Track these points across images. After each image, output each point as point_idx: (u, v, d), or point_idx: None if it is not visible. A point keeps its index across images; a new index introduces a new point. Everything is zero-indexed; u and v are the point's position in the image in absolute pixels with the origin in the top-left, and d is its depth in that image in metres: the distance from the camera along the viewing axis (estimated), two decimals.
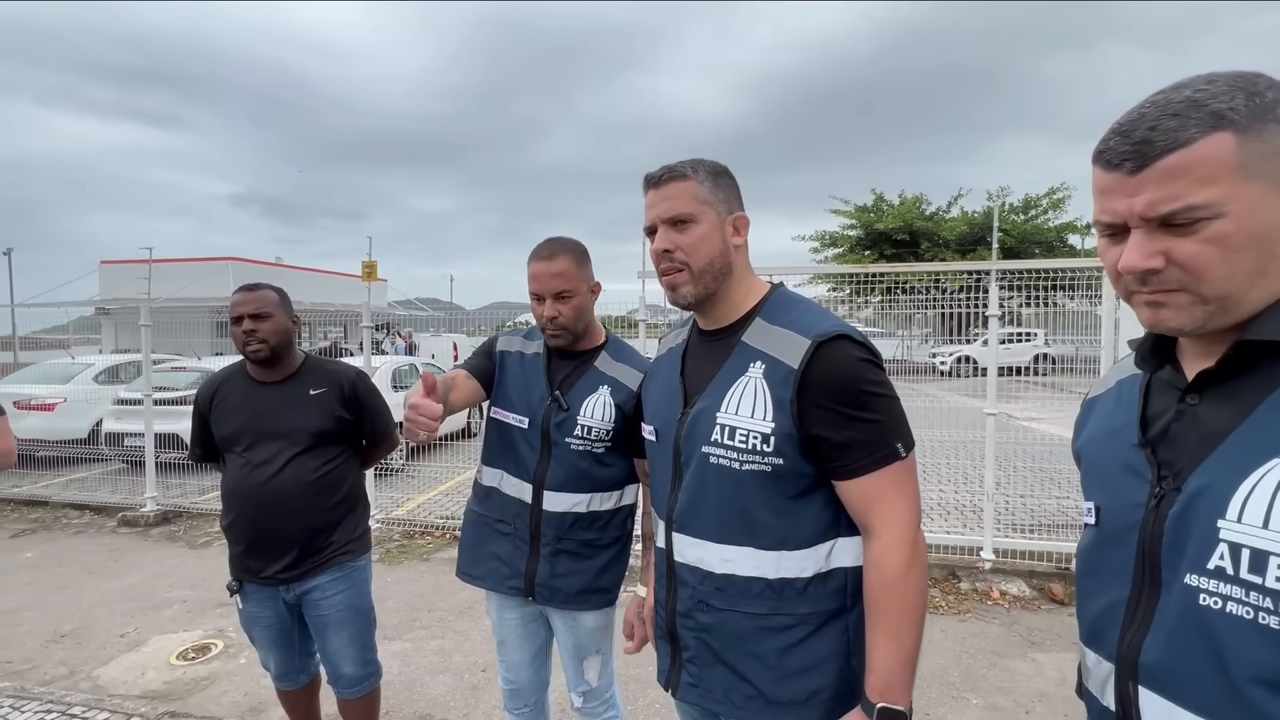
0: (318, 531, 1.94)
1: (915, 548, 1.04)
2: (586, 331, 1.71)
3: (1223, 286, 0.64)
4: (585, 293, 1.66)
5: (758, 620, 1.10)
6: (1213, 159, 0.62)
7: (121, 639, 3.47)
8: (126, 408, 6.73)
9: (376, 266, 5.29)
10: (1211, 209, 0.63)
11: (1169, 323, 0.67)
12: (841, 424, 1.03)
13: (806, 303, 1.17)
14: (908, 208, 21.80)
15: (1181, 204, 0.63)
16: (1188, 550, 0.65)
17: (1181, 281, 0.65)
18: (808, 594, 1.08)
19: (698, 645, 1.16)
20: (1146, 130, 0.64)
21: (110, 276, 19.52)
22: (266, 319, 1.91)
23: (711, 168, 1.17)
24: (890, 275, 5.57)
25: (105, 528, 5.52)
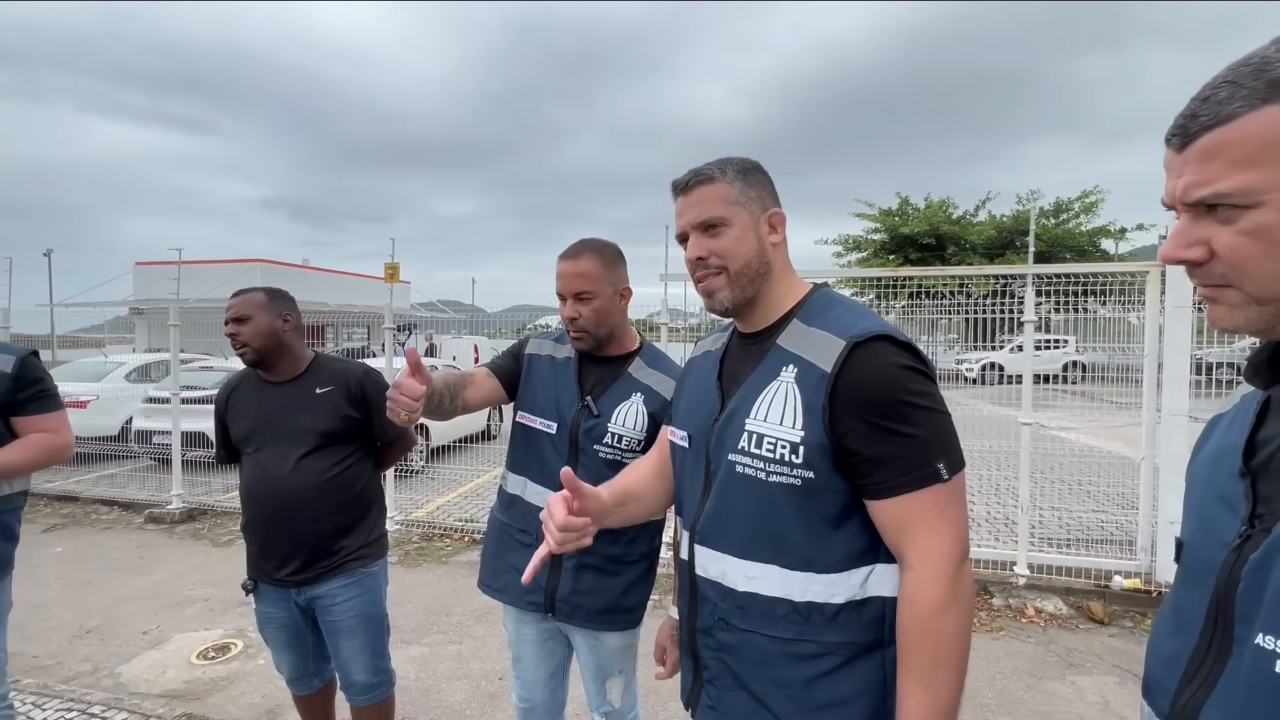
0: (328, 535, 1.91)
1: (956, 584, 0.91)
2: (613, 336, 1.64)
3: (1271, 287, 0.56)
4: (610, 295, 1.59)
5: (782, 645, 1.01)
6: (1255, 138, 0.53)
7: (144, 636, 3.49)
8: (155, 406, 6.85)
9: (399, 268, 5.30)
10: (1246, 196, 0.54)
11: (1223, 323, 0.60)
12: (875, 436, 0.93)
13: (849, 303, 1.08)
14: (934, 211, 21.43)
15: (1210, 190, 0.56)
16: (1263, 605, 0.55)
17: (1226, 276, 0.58)
18: (839, 622, 0.99)
19: (718, 666, 1.08)
20: (1198, 102, 0.56)
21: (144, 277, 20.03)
22: (246, 321, 1.91)
23: (740, 166, 1.11)
24: (915, 280, 5.43)
25: (133, 524, 5.61)
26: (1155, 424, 3.85)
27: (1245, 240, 0.55)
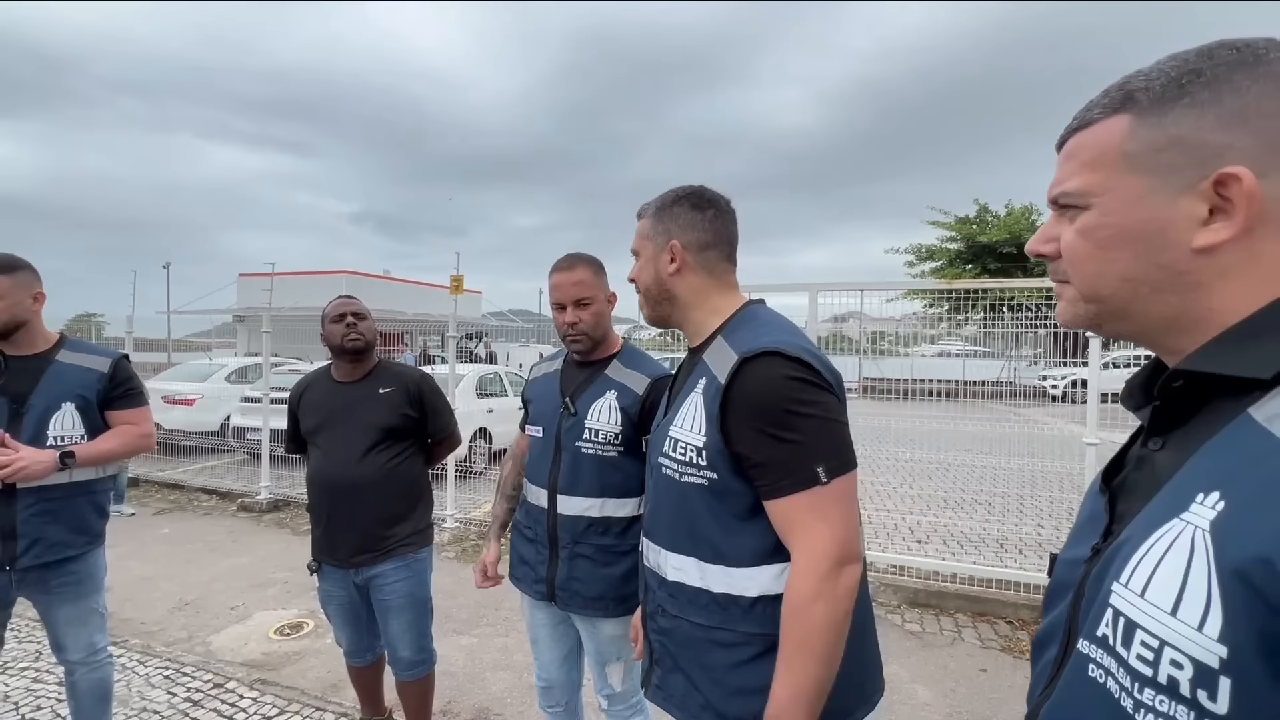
0: (384, 521, 2.13)
1: (826, 579, 0.97)
2: (604, 339, 1.78)
3: (1094, 286, 0.58)
4: (603, 301, 1.76)
5: (705, 632, 1.10)
6: (1099, 143, 0.57)
7: (232, 611, 3.88)
8: (249, 404, 7.52)
9: (464, 280, 5.63)
10: (1080, 197, 0.58)
11: (1061, 316, 0.63)
12: (760, 443, 1.02)
13: (767, 319, 1.16)
14: (1015, 219, 20.33)
15: (1059, 189, 0.59)
16: (1090, 613, 0.56)
17: (1065, 273, 0.61)
18: (755, 613, 1.06)
19: (660, 649, 1.18)
20: (1082, 108, 0.60)
21: (246, 287, 21.93)
22: (365, 318, 2.20)
23: (663, 201, 1.24)
24: (994, 291, 5.20)
25: (227, 511, 6.18)
26: None
27: (1077, 239, 0.59)
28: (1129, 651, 0.49)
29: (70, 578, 2.00)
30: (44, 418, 1.94)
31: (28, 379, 1.95)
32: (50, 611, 2.02)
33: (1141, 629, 0.48)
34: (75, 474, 1.97)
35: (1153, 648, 0.47)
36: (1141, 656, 0.48)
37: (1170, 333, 0.57)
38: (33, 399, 1.94)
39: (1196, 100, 0.52)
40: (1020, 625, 3.73)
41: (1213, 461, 0.50)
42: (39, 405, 1.94)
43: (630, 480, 1.69)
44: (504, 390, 8.19)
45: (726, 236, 1.23)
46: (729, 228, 1.24)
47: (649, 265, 1.24)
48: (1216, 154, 0.51)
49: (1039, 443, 4.77)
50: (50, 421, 1.95)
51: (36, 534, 1.91)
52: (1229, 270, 0.52)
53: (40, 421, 1.93)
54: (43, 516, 1.92)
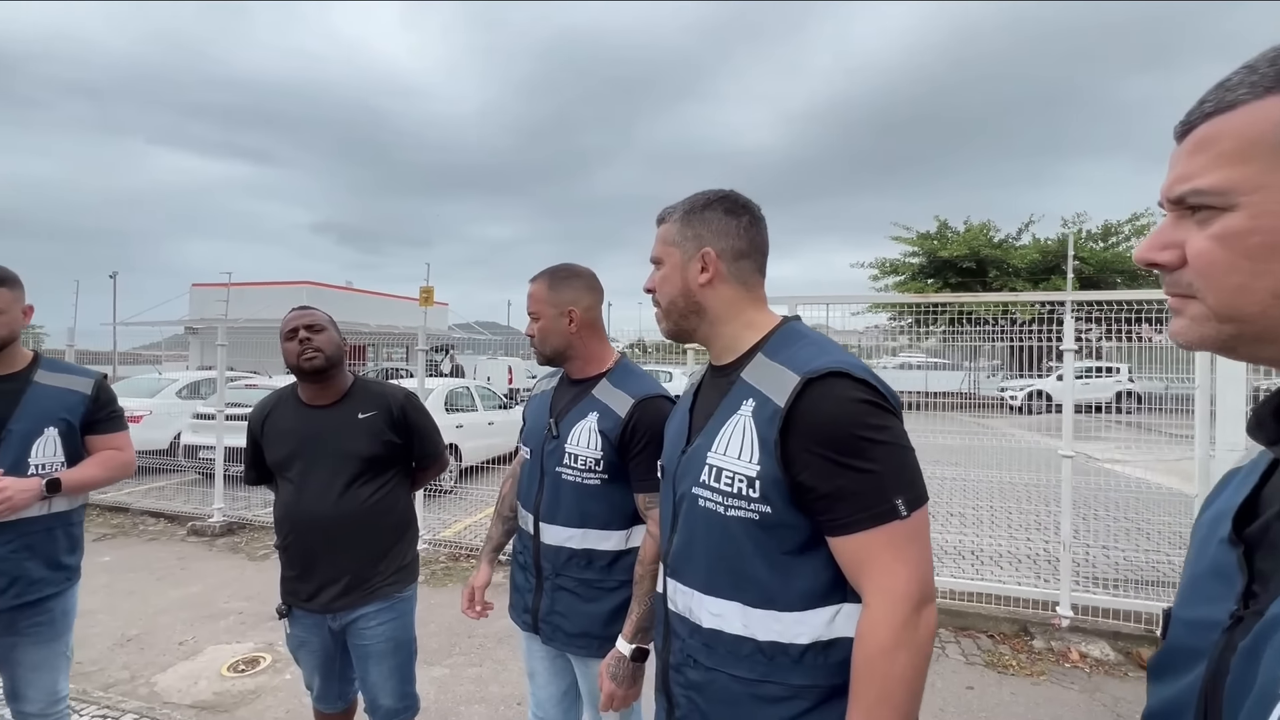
0: (367, 561, 1.92)
1: (908, 625, 0.88)
2: (567, 355, 1.68)
3: (1236, 302, 0.49)
4: (553, 316, 1.65)
5: (747, 686, 0.98)
6: (1247, 130, 0.47)
7: (180, 646, 3.60)
8: (202, 421, 7.14)
9: (433, 292, 5.46)
10: (1221, 196, 0.48)
11: (1181, 337, 0.54)
12: (830, 472, 0.91)
13: (814, 337, 1.07)
14: (974, 235, 20.97)
15: (1188, 186, 0.50)
16: (1248, 699, 0.46)
17: (1192, 286, 0.51)
18: (804, 664, 0.96)
19: (687, 704, 1.05)
20: (1213, 88, 0.50)
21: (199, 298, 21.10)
22: (321, 331, 1.93)
23: (691, 204, 1.14)
24: (954, 305, 5.31)
25: (176, 536, 5.82)
26: (1209, 458, 3.64)
27: (1214, 246, 0.49)
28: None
29: (44, 617, 1.86)
30: (25, 443, 1.80)
31: (6, 401, 1.80)
32: (12, 655, 1.84)
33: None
34: (53, 504, 1.84)
35: None
36: None
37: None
38: (12, 424, 1.79)
39: None
40: (1001, 639, 3.73)
41: None
42: (19, 430, 1.79)
43: (613, 511, 1.58)
44: (473, 405, 7.98)
45: (760, 246, 1.14)
46: (762, 236, 1.15)
47: (676, 274, 1.13)
48: None
49: (1007, 455, 4.83)
50: (32, 448, 1.80)
51: (16, 572, 1.77)
52: None
53: (21, 447, 1.79)
54: (22, 553, 1.78)
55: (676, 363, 7.18)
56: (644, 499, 1.53)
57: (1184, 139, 0.52)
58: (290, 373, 2.01)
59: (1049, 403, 8.01)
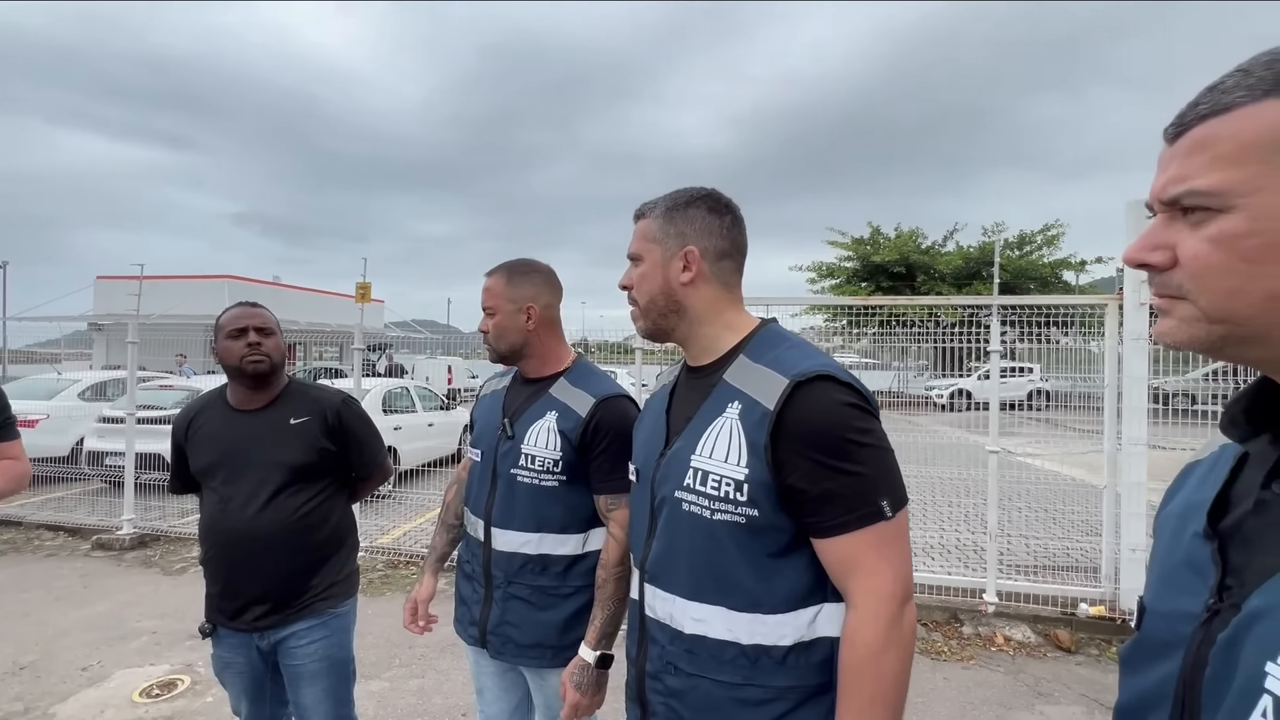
0: (297, 575, 1.80)
1: (895, 624, 0.91)
2: (522, 353, 1.63)
3: (1229, 304, 0.50)
4: (510, 312, 1.60)
5: (730, 690, 0.98)
6: (1244, 133, 0.47)
7: (83, 673, 3.29)
8: (109, 425, 6.58)
9: (370, 288, 5.23)
10: (1218, 198, 0.48)
11: (1169, 338, 0.54)
12: (819, 475, 0.92)
13: (795, 340, 1.08)
14: (904, 241, 22.02)
15: (1184, 187, 0.50)
16: (1229, 693, 0.47)
17: (1183, 288, 0.52)
18: (787, 665, 0.97)
19: (666, 712, 1.04)
20: (1206, 89, 0.50)
21: (105, 292, 19.47)
22: (271, 335, 1.83)
23: (674, 201, 1.12)
24: (886, 308, 5.54)
25: (78, 551, 5.33)
26: (1116, 452, 3.94)
27: (1209, 248, 0.49)
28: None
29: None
30: None
31: None
32: None
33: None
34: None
35: None
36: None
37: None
38: None
39: None
40: (934, 627, 3.91)
41: None
42: None
43: (571, 514, 1.54)
44: (412, 406, 7.70)
45: (741, 247, 1.13)
46: (743, 237, 1.14)
47: (656, 272, 1.10)
48: None
49: (935, 450, 5.07)
50: None
51: None
52: None
53: None
54: None
55: (621, 362, 7.18)
56: (605, 500, 1.50)
57: (1176, 140, 0.52)
58: (225, 373, 1.86)
59: (970, 401, 8.49)
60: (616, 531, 1.44)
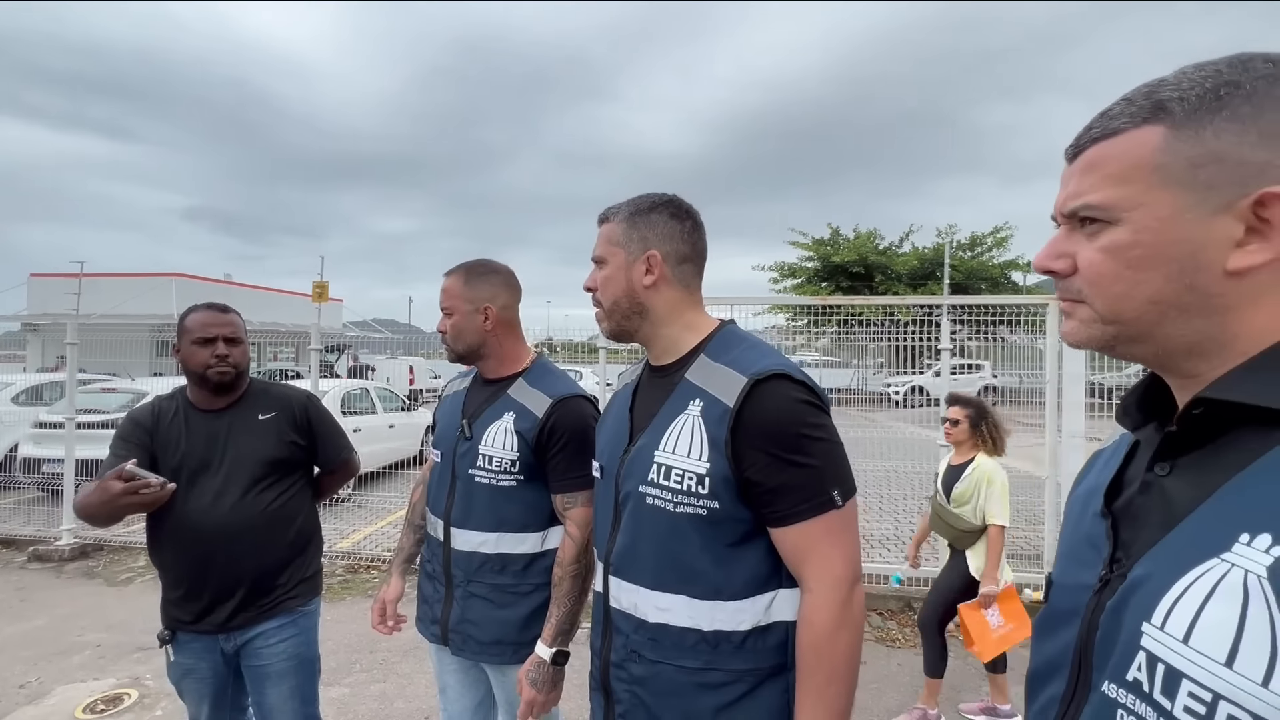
0: (266, 573, 1.78)
1: (847, 606, 0.98)
2: (481, 353, 1.65)
3: (1117, 307, 0.55)
4: (467, 313, 1.61)
5: (691, 675, 1.03)
6: (1128, 155, 0.53)
7: (21, 690, 3.14)
8: (46, 431, 6.26)
9: (328, 287, 5.12)
10: (1107, 211, 0.54)
11: (1071, 337, 0.60)
12: (775, 468, 0.99)
13: (754, 340, 1.14)
14: (862, 242, 22.56)
15: (1079, 201, 0.56)
16: (1114, 652, 0.53)
17: (1081, 291, 0.57)
18: (745, 649, 1.02)
19: (630, 699, 1.08)
20: (1097, 115, 0.57)
21: (40, 291, 18.47)
22: (239, 344, 1.83)
23: (636, 206, 1.16)
24: (845, 307, 5.70)
25: (14, 563, 5.07)
26: (1057, 444, 4.16)
27: (1102, 257, 0.55)
28: (1173, 702, 0.47)
29: None
30: None
31: None
32: None
33: (1189, 679, 0.46)
34: None
35: (1205, 701, 0.45)
36: (1191, 709, 0.46)
37: (1190, 357, 0.55)
38: None
39: (1237, 114, 0.50)
40: (889, 615, 4.05)
41: (1254, 499, 0.48)
42: None
43: (530, 513, 1.56)
44: (372, 407, 7.55)
45: (701, 251, 1.18)
46: (703, 241, 1.19)
47: (620, 275, 1.14)
48: (1258, 172, 0.49)
49: (890, 445, 5.25)
50: None
51: None
52: (1261, 294, 0.51)
53: None
54: None
55: (586, 361, 7.19)
56: (562, 499, 1.53)
57: (1074, 160, 0.58)
58: (186, 376, 1.84)
59: (926, 397, 8.78)
60: (573, 530, 1.47)
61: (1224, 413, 0.52)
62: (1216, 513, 0.49)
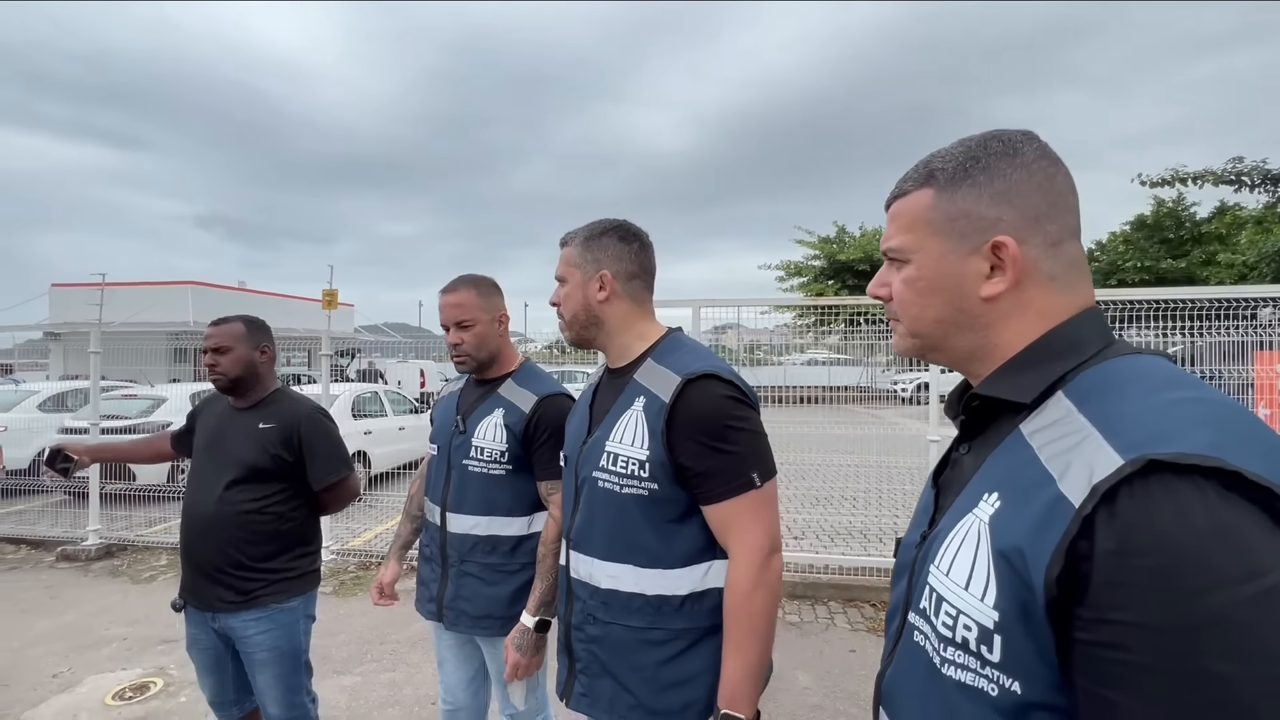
0: (238, 567, 1.93)
1: (763, 570, 1.12)
2: (495, 359, 1.80)
3: (915, 325, 0.71)
4: (487, 322, 1.77)
5: (638, 634, 1.18)
6: (911, 211, 0.70)
7: (54, 680, 3.33)
8: (72, 437, 6.50)
9: (337, 294, 5.29)
10: (901, 253, 0.71)
11: (896, 347, 0.77)
12: (703, 454, 1.14)
13: (693, 346, 1.30)
14: (869, 239, 22.51)
15: (887, 244, 0.73)
16: (918, 590, 0.68)
17: (896, 312, 0.74)
18: (683, 611, 1.17)
19: (588, 656, 1.24)
20: (900, 178, 0.73)
21: (61, 300, 18.92)
22: (226, 352, 2.00)
23: (590, 232, 1.31)
24: (849, 306, 5.78)
25: (43, 563, 5.29)
26: None
27: (902, 287, 0.72)
28: (937, 620, 0.62)
29: None
30: None
31: None
32: None
33: (946, 602, 0.61)
34: None
35: (952, 615, 0.60)
36: (945, 623, 0.61)
37: (973, 361, 0.71)
38: None
39: (976, 182, 0.67)
40: (882, 607, 4.16)
41: (995, 467, 0.63)
42: None
43: (517, 499, 1.71)
44: (383, 410, 7.75)
45: (649, 268, 1.34)
46: (651, 260, 1.35)
47: (577, 292, 1.31)
48: (991, 224, 0.66)
49: (892, 441, 5.34)
50: None
51: None
52: (1008, 314, 0.67)
53: None
54: None
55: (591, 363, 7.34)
56: (546, 486, 1.68)
57: (887, 210, 0.75)
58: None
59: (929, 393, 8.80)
60: (555, 513, 1.62)
61: (990, 404, 0.68)
62: (978, 480, 0.65)
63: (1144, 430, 0.52)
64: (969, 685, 0.58)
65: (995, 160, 0.66)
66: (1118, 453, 0.51)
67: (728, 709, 1.11)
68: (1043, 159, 0.67)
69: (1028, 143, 0.67)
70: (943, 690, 0.61)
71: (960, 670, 0.59)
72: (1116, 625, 0.48)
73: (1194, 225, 16.84)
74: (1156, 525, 0.47)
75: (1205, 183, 13.09)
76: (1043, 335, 0.66)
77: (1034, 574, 0.52)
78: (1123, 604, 0.48)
